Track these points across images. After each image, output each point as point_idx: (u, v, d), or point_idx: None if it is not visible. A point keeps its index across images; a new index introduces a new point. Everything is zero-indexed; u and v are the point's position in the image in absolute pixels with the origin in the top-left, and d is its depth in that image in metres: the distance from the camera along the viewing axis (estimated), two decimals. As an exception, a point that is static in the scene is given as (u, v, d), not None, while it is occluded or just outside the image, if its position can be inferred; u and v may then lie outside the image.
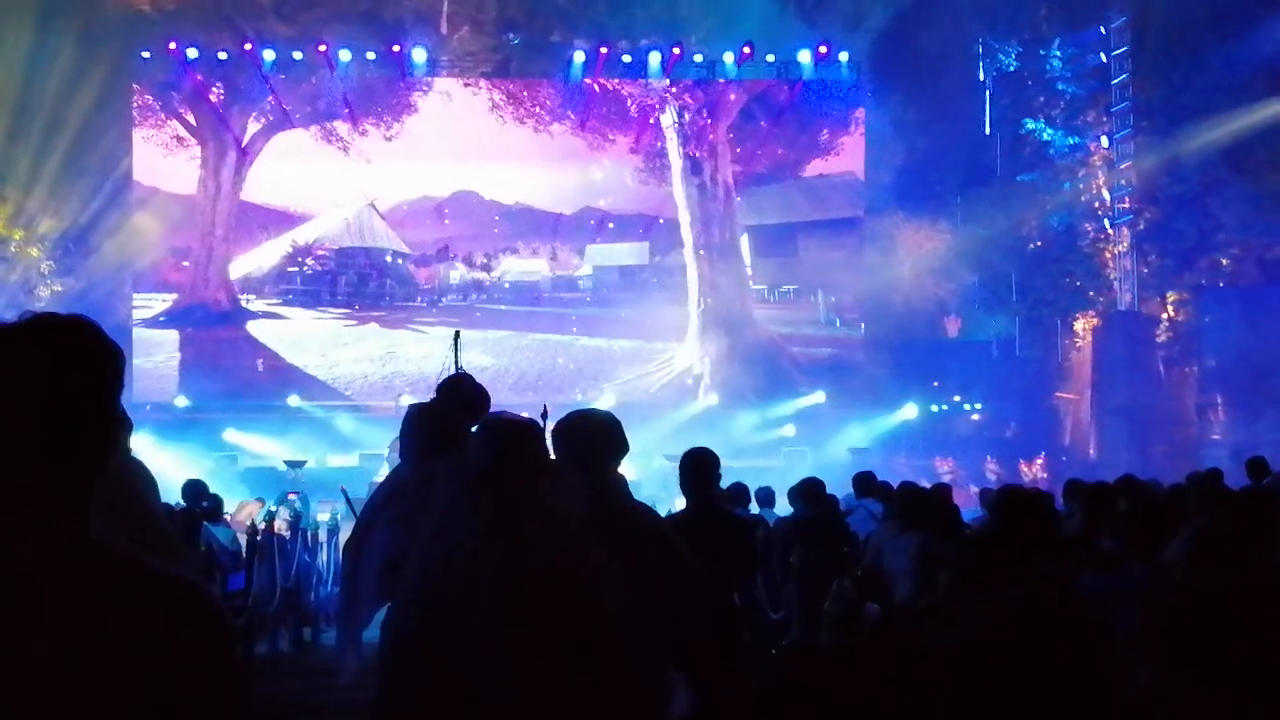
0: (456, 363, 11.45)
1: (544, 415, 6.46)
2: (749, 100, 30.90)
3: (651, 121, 30.87)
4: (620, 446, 5.13)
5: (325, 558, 16.76)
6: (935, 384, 30.07)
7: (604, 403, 24.66)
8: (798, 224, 31.54)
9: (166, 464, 21.35)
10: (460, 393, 6.30)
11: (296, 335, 30.81)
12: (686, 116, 30.81)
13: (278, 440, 27.90)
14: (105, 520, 2.17)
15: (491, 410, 6.21)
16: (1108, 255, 29.79)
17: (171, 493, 12.28)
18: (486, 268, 31.38)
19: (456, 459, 4.36)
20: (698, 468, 6.97)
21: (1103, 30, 29.34)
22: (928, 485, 12.96)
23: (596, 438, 5.09)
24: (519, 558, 3.68)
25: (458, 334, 12.33)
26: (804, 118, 30.85)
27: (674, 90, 30.48)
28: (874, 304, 30.80)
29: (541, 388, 29.60)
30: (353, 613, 5.62)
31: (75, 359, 2.16)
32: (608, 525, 4.24)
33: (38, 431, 2.09)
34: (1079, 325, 30.31)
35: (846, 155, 31.20)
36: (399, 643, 3.94)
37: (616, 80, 30.37)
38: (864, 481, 12.88)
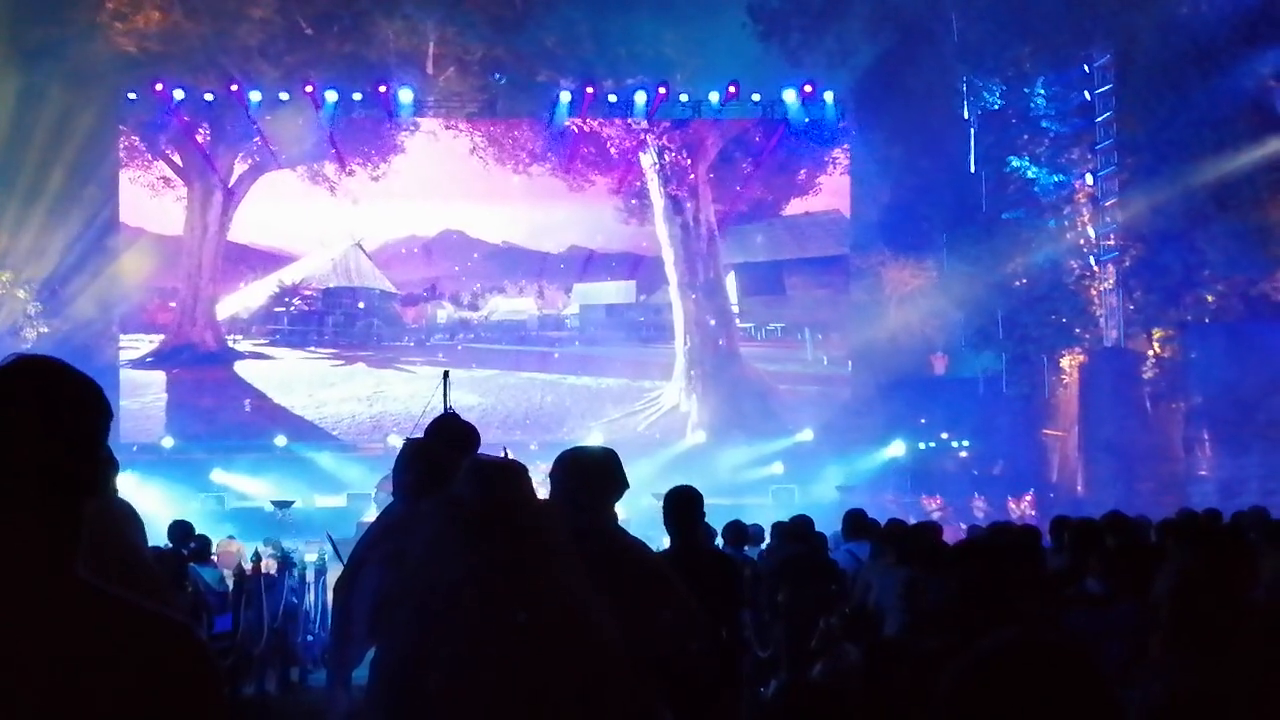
0: (445, 403, 11.45)
1: (504, 453, 6.43)
2: (728, 141, 31.03)
3: (632, 161, 30.94)
4: (618, 483, 5.12)
5: (313, 598, 16.70)
6: (922, 421, 30.04)
7: (591, 441, 24.60)
8: (784, 262, 31.63)
9: (153, 504, 21.24)
10: (451, 431, 6.29)
11: (283, 375, 30.78)
12: (667, 157, 30.89)
13: (265, 481, 27.79)
14: (93, 561, 2.17)
15: (480, 449, 6.22)
16: (1093, 292, 29.82)
17: (158, 533, 12.24)
18: (473, 307, 31.40)
19: (440, 496, 4.34)
20: (681, 506, 6.94)
21: (1086, 68, 29.42)
22: (914, 522, 12.93)
23: (594, 475, 5.08)
24: (530, 599, 3.66)
25: (446, 374, 12.34)
26: (785, 157, 30.97)
27: (653, 131, 30.58)
28: (861, 342, 30.83)
29: (529, 426, 29.63)
30: (344, 652, 5.59)
31: (61, 400, 2.16)
32: (607, 562, 4.23)
33: (25, 472, 2.09)
34: (1065, 362, 30.30)
35: (830, 194, 31.31)
36: (395, 682, 3.91)
37: (597, 122, 30.46)
38: (854, 523, 12.34)
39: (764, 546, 13.05)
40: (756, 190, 31.39)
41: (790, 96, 29.47)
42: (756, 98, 29.57)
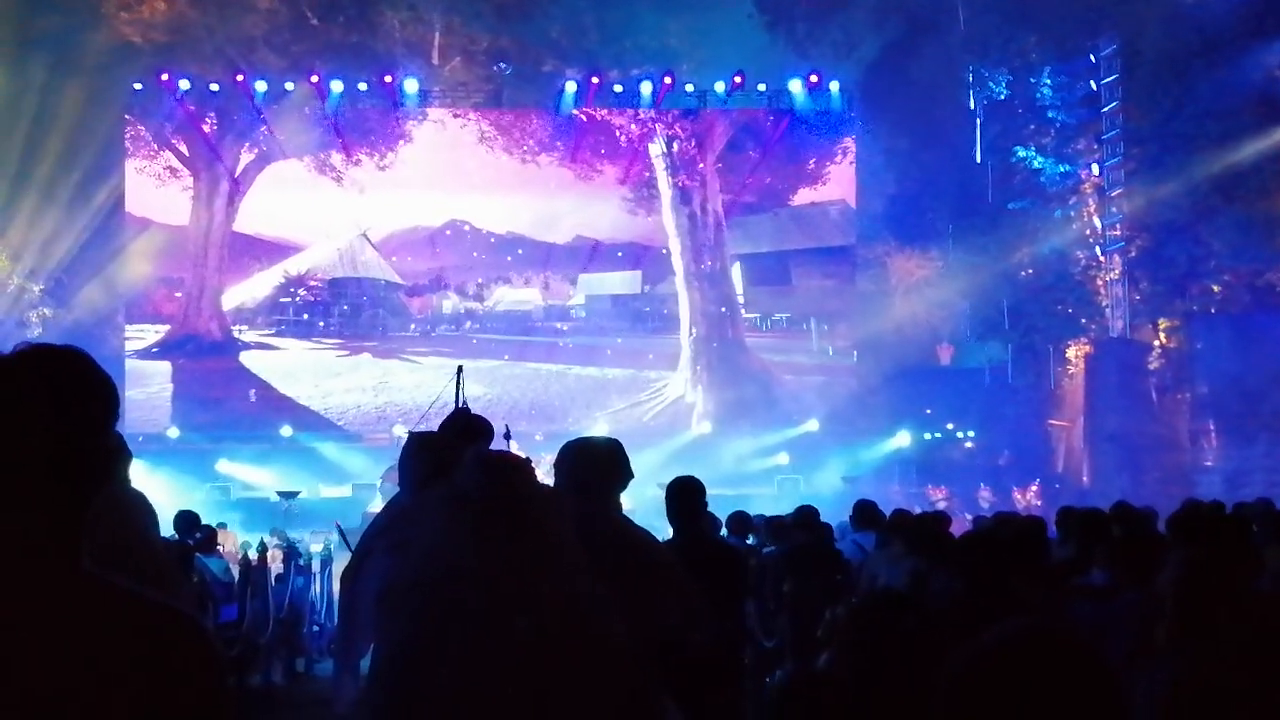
0: (458, 398, 11.42)
1: (506, 435, 6.44)
2: (737, 130, 30.98)
3: (640, 151, 30.93)
4: (623, 473, 5.12)
5: (319, 588, 16.72)
6: (928, 412, 30.02)
7: (597, 431, 24.60)
8: (790, 252, 31.59)
9: (159, 495, 21.18)
10: (464, 424, 6.30)
11: (289, 366, 30.80)
12: (675, 146, 30.86)
13: (270, 471, 27.84)
14: (99, 550, 2.17)
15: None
16: (1099, 283, 29.84)
17: (163, 524, 12.25)
18: (479, 297, 31.39)
19: (445, 487, 4.34)
20: (683, 496, 6.93)
21: (1093, 58, 29.42)
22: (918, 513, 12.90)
23: (599, 465, 5.08)
24: (534, 592, 3.66)
25: (460, 369, 12.32)
26: (793, 147, 30.93)
27: (663, 120, 30.57)
28: (866, 332, 30.80)
29: (534, 417, 29.58)
30: (350, 641, 5.60)
31: (70, 389, 2.16)
32: (612, 552, 4.23)
33: (33, 462, 2.09)
34: (1071, 352, 30.31)
35: (837, 184, 31.27)
36: (399, 677, 3.91)
37: (605, 111, 30.45)
38: (864, 513, 12.33)
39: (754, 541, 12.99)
40: (765, 179, 31.36)
41: (796, 87, 29.49)
42: (762, 88, 29.58)
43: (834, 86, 29.67)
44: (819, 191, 31.44)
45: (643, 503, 15.28)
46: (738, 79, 28.64)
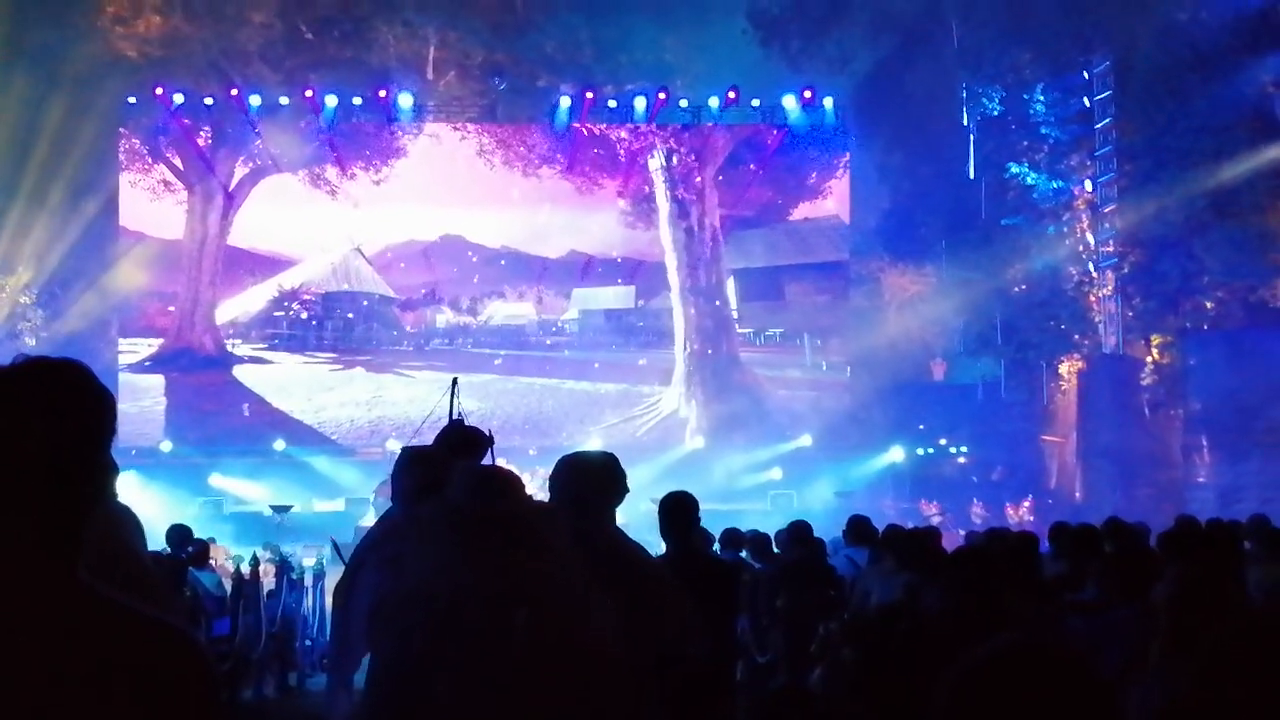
0: (452, 410, 11.42)
1: (490, 437, 6.42)
2: (737, 144, 31.02)
3: (640, 164, 30.96)
4: (618, 488, 5.11)
5: (311, 603, 16.69)
6: (921, 427, 30.03)
7: (590, 446, 24.55)
8: (784, 268, 31.64)
9: (151, 509, 21.21)
10: (460, 437, 6.29)
11: (282, 380, 30.79)
12: (674, 160, 30.90)
13: (263, 485, 27.80)
14: (93, 565, 2.16)
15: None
16: (1092, 299, 29.79)
17: (156, 537, 12.23)
18: (473, 311, 31.40)
19: (437, 503, 4.33)
20: (675, 512, 6.93)
21: (1086, 74, 29.40)
22: (912, 527, 12.88)
23: (594, 479, 5.07)
24: (530, 606, 3.65)
25: (455, 381, 12.32)
26: (791, 162, 30.98)
27: (661, 134, 30.61)
28: (860, 348, 30.84)
29: (528, 431, 29.58)
30: (344, 655, 5.58)
31: (69, 402, 2.16)
32: (607, 566, 4.22)
33: (31, 475, 2.08)
34: (1064, 368, 30.28)
35: (832, 199, 31.35)
36: (397, 694, 3.89)
37: (605, 124, 30.48)
38: (858, 529, 12.31)
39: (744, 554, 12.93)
40: (765, 194, 31.42)
41: (790, 102, 29.56)
42: (756, 103, 29.66)
43: (828, 102, 29.76)
44: (814, 207, 31.50)
45: (636, 518, 15.24)
46: (732, 94, 28.69)
